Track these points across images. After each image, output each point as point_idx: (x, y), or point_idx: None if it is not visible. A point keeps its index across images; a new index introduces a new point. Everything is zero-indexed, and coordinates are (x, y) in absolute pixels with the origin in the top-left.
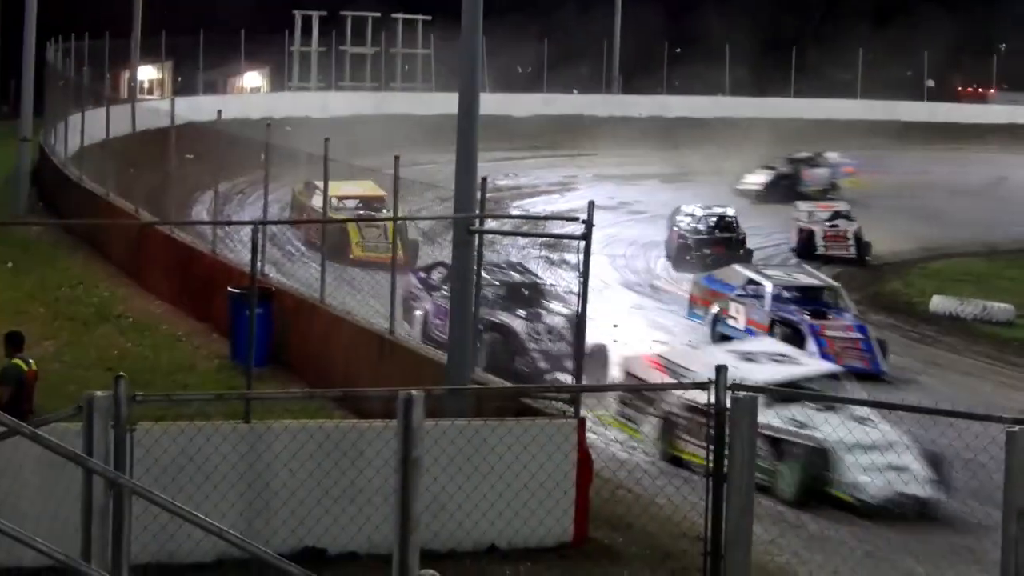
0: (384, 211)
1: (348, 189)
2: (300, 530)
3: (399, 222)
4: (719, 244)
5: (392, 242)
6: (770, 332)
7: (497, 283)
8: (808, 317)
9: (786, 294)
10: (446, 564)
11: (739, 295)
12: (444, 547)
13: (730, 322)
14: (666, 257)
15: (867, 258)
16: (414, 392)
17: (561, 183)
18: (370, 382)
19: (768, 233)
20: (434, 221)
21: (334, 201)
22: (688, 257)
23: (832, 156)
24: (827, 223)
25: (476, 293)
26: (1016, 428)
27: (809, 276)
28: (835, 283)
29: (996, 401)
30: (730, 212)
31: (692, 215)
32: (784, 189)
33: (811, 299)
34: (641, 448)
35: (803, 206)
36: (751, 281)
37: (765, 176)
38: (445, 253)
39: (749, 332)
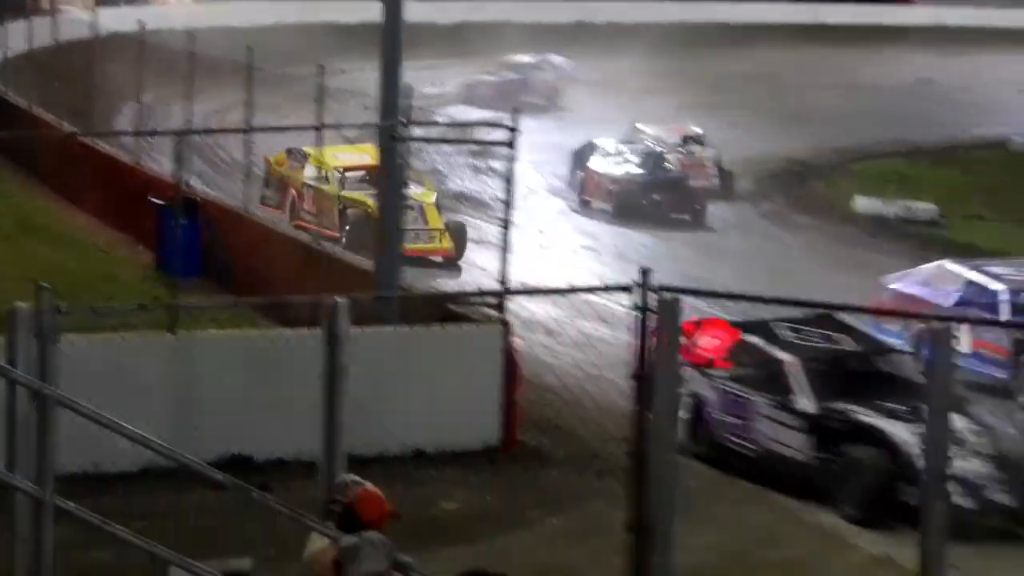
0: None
1: (349, 158)
2: (227, 438)
3: (434, 201)
4: (668, 188)
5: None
6: (1015, 359)
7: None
8: None
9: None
10: (373, 469)
11: (957, 305)
12: (371, 452)
13: None
14: (579, 205)
15: (731, 189)
16: (339, 299)
17: None
18: (297, 291)
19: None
20: (360, 130)
21: (336, 174)
22: (632, 204)
23: (556, 59)
24: (680, 149)
25: (401, 199)
26: (940, 326)
27: None
28: None
29: None
30: (658, 148)
31: (617, 154)
32: (511, 96)
33: None
34: None
35: (647, 129)
36: (972, 283)
37: (490, 84)
38: None
39: (977, 358)
